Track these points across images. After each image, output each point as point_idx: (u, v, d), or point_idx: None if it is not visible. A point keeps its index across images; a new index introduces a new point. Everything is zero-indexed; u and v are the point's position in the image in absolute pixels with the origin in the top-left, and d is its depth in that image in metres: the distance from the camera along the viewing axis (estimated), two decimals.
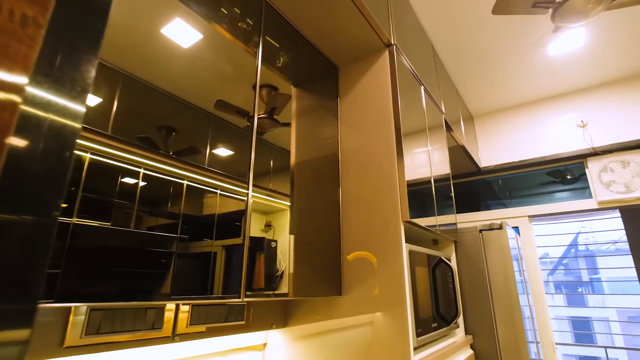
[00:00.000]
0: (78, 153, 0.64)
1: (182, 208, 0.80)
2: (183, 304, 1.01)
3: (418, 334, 1.25)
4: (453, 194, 2.11)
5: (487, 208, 3.24)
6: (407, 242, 1.80)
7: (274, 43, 1.24)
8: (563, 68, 2.67)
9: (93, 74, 0.31)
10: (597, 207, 2.71)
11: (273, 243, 1.07)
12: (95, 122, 0.67)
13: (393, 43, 1.55)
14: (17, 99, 0.25)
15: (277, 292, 1.03)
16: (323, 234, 1.30)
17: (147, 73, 0.79)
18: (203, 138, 0.89)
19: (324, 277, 1.26)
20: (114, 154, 0.69)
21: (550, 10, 1.70)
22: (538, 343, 2.50)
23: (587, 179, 2.82)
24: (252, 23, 1.13)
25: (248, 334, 1.30)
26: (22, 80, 0.26)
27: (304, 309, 1.39)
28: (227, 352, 1.22)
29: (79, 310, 0.79)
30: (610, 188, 2.67)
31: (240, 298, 0.88)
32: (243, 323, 1.21)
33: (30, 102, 0.26)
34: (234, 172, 0.96)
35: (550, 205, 2.91)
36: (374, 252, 1.31)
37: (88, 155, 0.65)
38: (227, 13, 1.03)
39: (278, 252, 1.08)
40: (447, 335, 1.71)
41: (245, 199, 0.96)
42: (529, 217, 2.99)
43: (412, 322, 1.22)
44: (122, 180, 0.70)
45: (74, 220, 0.61)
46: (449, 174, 2.11)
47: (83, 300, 0.60)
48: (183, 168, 0.82)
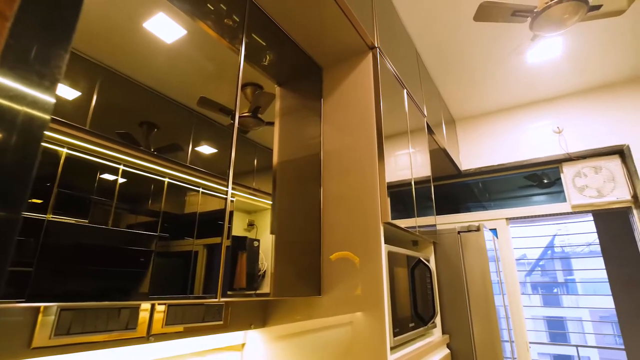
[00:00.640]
0: (54, 148, 0.62)
1: (162, 206, 0.79)
2: (158, 304, 1.00)
3: (395, 334, 1.27)
4: (433, 196, 2.14)
5: (466, 210, 3.31)
6: (387, 242, 1.82)
7: (260, 41, 1.23)
8: (540, 75, 2.75)
9: (64, 67, 0.30)
10: (570, 210, 2.81)
11: (255, 242, 1.07)
12: (73, 116, 0.65)
13: (377, 46, 1.57)
14: None
15: (259, 292, 1.03)
16: (304, 234, 1.31)
17: (128, 67, 0.77)
18: (186, 135, 0.88)
19: (304, 277, 1.26)
20: (93, 150, 0.67)
21: (529, 19, 1.75)
22: (513, 342, 2.57)
23: (562, 184, 2.92)
24: (238, 20, 1.13)
25: (226, 334, 1.29)
26: None
27: (284, 309, 1.39)
28: (205, 352, 1.21)
29: (49, 310, 0.77)
30: (584, 192, 2.77)
31: (217, 298, 0.88)
32: (221, 323, 1.20)
33: None
34: (217, 170, 0.95)
35: (527, 209, 3.00)
36: (354, 252, 1.32)
37: (65, 150, 0.63)
38: (212, 9, 1.02)
39: (260, 251, 1.07)
40: (424, 335, 1.74)
41: (225, 197, 0.96)
42: (507, 219, 3.07)
43: (389, 322, 1.23)
44: (100, 177, 0.68)
45: (49, 217, 0.59)
46: (430, 176, 2.14)
47: (57, 300, 0.58)
48: (165, 165, 0.81)
